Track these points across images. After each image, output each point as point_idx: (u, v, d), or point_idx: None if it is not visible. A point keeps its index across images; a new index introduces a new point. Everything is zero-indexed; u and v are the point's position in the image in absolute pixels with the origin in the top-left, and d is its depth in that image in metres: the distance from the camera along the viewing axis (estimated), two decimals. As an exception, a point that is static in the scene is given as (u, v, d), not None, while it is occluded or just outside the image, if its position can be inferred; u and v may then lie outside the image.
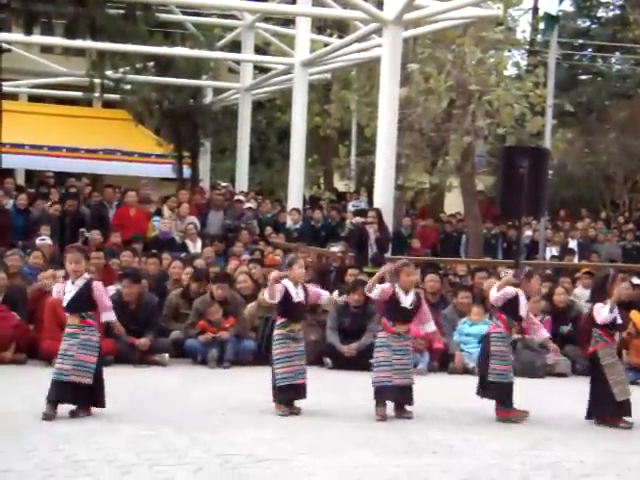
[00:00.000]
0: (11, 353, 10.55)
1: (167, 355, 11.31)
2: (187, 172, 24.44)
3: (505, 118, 18.53)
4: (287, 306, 8.44)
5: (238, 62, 24.91)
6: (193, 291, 12.08)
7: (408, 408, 8.45)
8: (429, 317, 8.75)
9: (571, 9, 40.02)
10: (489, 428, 8.19)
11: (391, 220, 15.49)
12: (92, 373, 7.85)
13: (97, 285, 8.02)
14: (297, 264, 8.47)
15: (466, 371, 11.44)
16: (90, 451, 6.70)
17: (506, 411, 8.49)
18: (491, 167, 24.15)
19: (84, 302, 7.93)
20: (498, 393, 8.52)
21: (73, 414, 7.88)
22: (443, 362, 11.74)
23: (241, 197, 19.27)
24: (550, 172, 15.80)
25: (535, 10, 31.65)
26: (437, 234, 20.72)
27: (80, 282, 7.94)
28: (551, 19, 16.25)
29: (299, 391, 8.40)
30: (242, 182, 23.68)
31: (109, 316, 8.13)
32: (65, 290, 7.98)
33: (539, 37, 31.63)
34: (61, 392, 7.78)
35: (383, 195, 15.32)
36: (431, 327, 8.79)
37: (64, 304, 8.02)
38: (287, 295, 8.39)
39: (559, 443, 7.64)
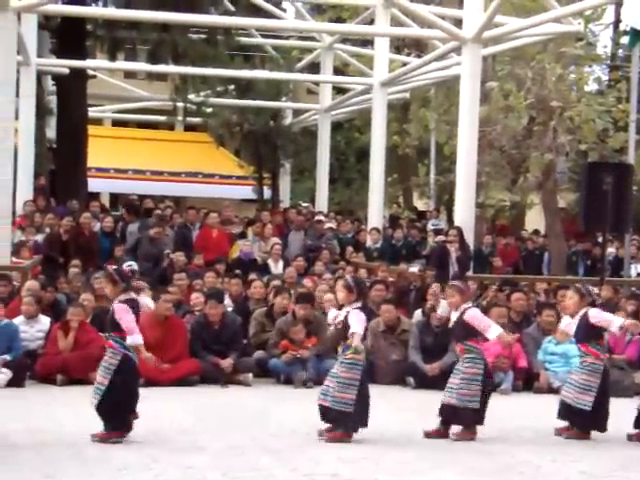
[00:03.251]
0: (99, 373, 10.76)
1: (251, 375, 11.41)
2: (267, 193, 24.67)
3: (587, 134, 18.32)
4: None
5: (317, 83, 25.11)
6: (276, 311, 12.17)
7: (453, 429, 8.33)
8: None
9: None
10: (576, 448, 8.07)
11: (472, 238, 15.40)
12: (100, 395, 7.76)
13: (119, 307, 7.92)
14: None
15: (551, 390, 11.27)
16: (178, 470, 6.81)
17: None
18: (573, 184, 23.87)
19: (108, 323, 8.00)
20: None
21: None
22: (527, 381, 11.59)
23: (321, 217, 19.35)
24: (634, 188, 15.57)
25: (616, 24, 31.20)
26: (518, 252, 20.50)
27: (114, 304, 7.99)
28: (636, 34, 15.99)
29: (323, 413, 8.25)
30: (322, 202, 23.80)
31: (133, 339, 7.88)
32: None
33: (620, 52, 31.16)
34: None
35: (464, 213, 15.25)
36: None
37: None
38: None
39: (649, 464, 7.50)
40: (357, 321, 8.06)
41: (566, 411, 8.48)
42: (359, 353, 8.10)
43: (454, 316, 8.46)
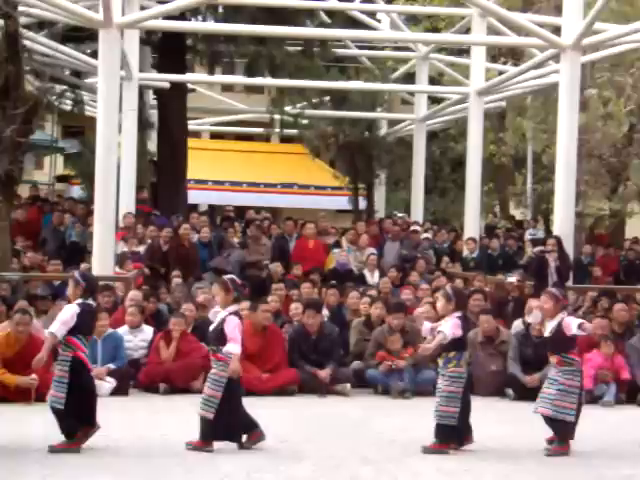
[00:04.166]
0: (201, 382, 10.93)
1: (349, 385, 11.46)
2: (362, 203, 24.72)
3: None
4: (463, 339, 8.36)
5: (412, 93, 25.09)
6: (373, 321, 12.21)
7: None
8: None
9: None
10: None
11: (571, 248, 15.17)
12: (215, 408, 7.77)
13: (231, 319, 7.93)
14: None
15: (656, 403, 11.05)
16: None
17: None
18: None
19: (216, 336, 8.02)
20: None
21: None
22: (631, 393, 11.36)
23: (417, 227, 19.31)
24: None
25: None
26: (618, 262, 20.10)
27: (222, 315, 8.04)
28: None
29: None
30: (417, 212, 23.73)
31: (233, 348, 7.85)
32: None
33: None
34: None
35: (563, 223, 15.04)
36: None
37: None
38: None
39: None
40: (450, 326, 8.05)
41: None
42: (462, 366, 8.08)
43: (550, 326, 8.33)
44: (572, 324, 8.13)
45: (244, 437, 7.97)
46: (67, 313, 7.77)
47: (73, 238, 16.63)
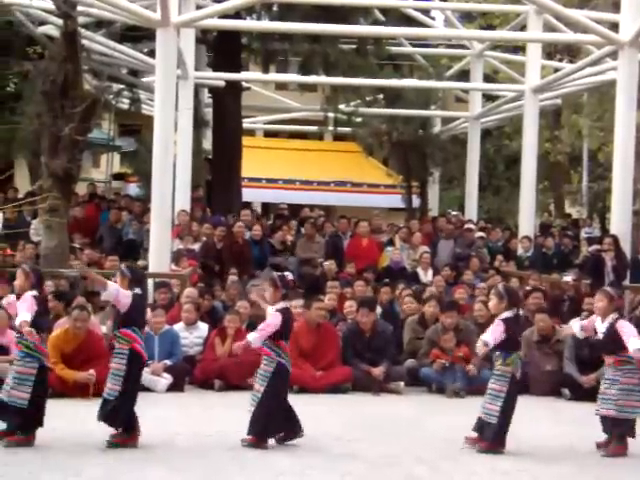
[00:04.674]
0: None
1: (402, 383, 11.46)
2: (416, 202, 24.66)
3: None
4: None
5: (466, 91, 24.96)
6: (427, 319, 12.20)
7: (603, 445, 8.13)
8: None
9: None
10: None
11: (628, 247, 14.99)
12: (256, 401, 7.93)
13: (272, 314, 8.11)
14: None
15: None
16: (334, 477, 6.94)
17: None
18: None
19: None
20: None
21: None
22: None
23: (471, 226, 19.20)
24: None
25: None
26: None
27: (270, 311, 8.17)
28: None
29: None
30: (471, 210, 23.59)
31: (250, 335, 8.23)
32: None
33: None
34: None
35: (620, 221, 14.86)
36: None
37: None
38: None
39: None
40: (491, 331, 8.03)
41: None
42: (508, 365, 8.04)
43: (602, 327, 8.25)
44: (629, 340, 7.99)
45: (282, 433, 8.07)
46: (124, 294, 7.88)
47: (130, 236, 16.80)
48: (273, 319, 8.07)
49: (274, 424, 7.96)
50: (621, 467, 7.61)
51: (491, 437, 7.93)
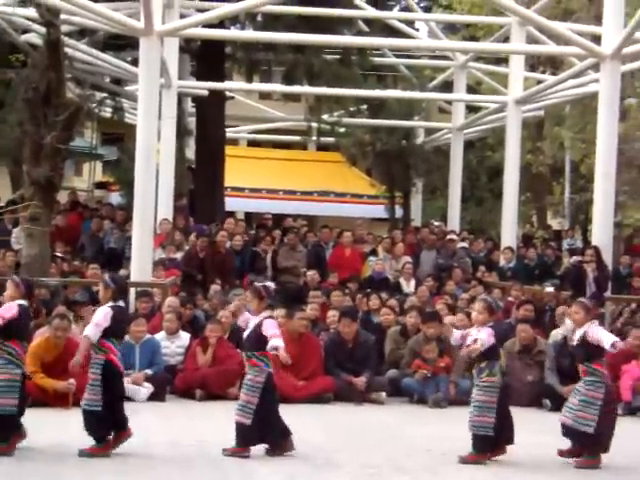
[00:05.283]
0: (237, 389, 10.96)
1: (384, 393, 11.45)
2: (399, 212, 24.69)
3: None
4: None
5: (450, 102, 25.03)
6: (409, 330, 12.20)
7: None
8: None
9: None
10: None
11: (610, 259, 15.06)
12: (251, 414, 7.84)
13: (268, 322, 8.07)
14: None
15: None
16: (315, 486, 6.92)
17: None
18: None
19: (252, 341, 8.10)
20: None
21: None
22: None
23: (454, 236, 19.24)
24: None
25: None
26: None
27: (256, 320, 8.13)
28: None
29: None
30: (454, 221, 23.64)
31: (278, 342, 7.96)
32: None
33: None
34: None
35: (601, 233, 14.92)
36: None
37: None
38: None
39: None
40: (486, 334, 8.05)
41: None
42: (495, 375, 8.05)
43: (577, 335, 8.26)
44: (603, 338, 8.03)
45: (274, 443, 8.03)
46: (100, 315, 7.85)
47: (111, 244, 16.74)
48: (274, 326, 8.05)
49: (262, 433, 7.93)
50: (597, 476, 7.62)
51: (484, 448, 7.95)
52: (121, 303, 8.06)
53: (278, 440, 8.03)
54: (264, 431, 7.93)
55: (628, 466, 8.09)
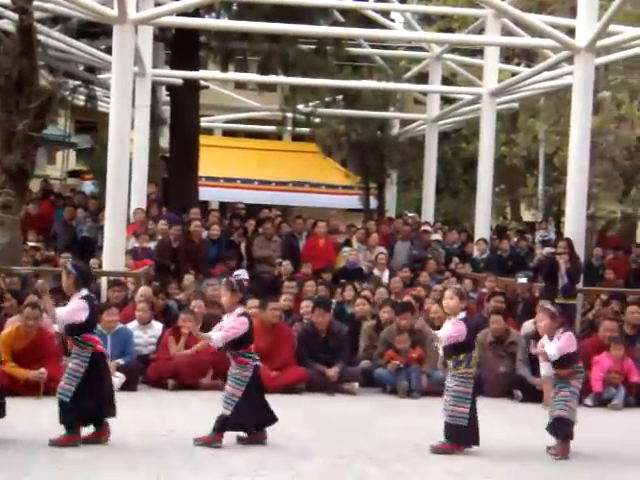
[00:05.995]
0: (209, 379, 10.96)
1: (357, 384, 11.46)
2: (373, 203, 24.71)
3: None
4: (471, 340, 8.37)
5: (425, 93, 25.05)
6: (384, 324, 12.19)
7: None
8: None
9: None
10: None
11: (582, 251, 15.14)
12: (233, 406, 7.88)
13: (240, 320, 8.08)
14: None
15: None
16: (286, 477, 6.92)
17: None
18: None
19: (233, 342, 8.07)
20: None
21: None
22: (640, 396, 11.33)
23: (428, 227, 19.29)
24: None
25: None
26: (628, 265, 20.01)
27: (231, 318, 8.15)
28: None
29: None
30: (428, 212, 23.70)
31: (214, 334, 8.05)
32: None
33: None
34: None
35: (574, 225, 14.99)
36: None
37: None
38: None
39: None
40: (447, 330, 8.09)
41: None
42: (472, 367, 8.08)
43: (552, 348, 8.14)
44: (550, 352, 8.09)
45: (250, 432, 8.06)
46: (78, 307, 7.78)
47: (84, 233, 16.66)
48: (240, 324, 8.03)
49: (240, 423, 7.96)
50: (568, 467, 7.67)
51: (464, 438, 7.99)
52: (87, 291, 7.93)
53: (253, 430, 8.03)
54: (242, 421, 7.94)
55: (596, 455, 8.13)
